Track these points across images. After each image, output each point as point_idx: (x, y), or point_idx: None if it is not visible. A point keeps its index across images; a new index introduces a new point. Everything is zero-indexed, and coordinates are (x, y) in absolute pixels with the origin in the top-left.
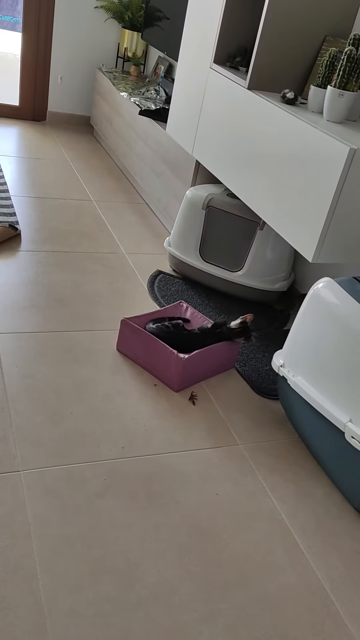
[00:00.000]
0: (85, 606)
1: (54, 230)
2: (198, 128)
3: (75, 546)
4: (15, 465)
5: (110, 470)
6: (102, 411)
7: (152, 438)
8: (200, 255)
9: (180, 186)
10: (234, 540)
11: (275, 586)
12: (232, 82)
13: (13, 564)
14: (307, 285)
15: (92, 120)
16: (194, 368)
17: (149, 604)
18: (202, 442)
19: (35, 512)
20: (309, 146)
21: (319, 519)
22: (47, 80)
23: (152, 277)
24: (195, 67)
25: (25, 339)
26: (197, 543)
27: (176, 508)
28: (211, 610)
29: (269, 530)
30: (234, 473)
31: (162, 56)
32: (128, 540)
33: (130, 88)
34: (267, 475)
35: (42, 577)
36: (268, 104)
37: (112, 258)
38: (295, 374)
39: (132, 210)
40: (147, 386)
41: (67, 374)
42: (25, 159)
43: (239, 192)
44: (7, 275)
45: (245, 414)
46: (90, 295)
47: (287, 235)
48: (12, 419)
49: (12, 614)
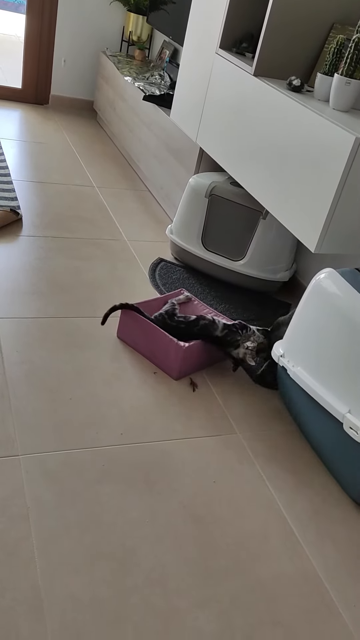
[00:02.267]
0: (82, 590)
1: (56, 215)
2: (202, 115)
3: (72, 531)
4: (14, 450)
5: (109, 457)
6: (102, 397)
7: (150, 425)
8: (202, 243)
9: (183, 173)
10: (230, 527)
11: (271, 573)
12: (238, 68)
13: (11, 547)
14: (309, 276)
15: (96, 105)
16: (194, 356)
17: (145, 589)
18: (201, 431)
19: (34, 496)
20: (314, 134)
21: (315, 508)
22: (51, 63)
23: (153, 265)
24: (201, 53)
25: (26, 324)
26: (194, 530)
27: (173, 495)
28: (206, 596)
29: (266, 518)
30: (231, 461)
31: (168, 41)
32: (125, 525)
33: (134, 72)
34: (264, 464)
35: (40, 561)
36: (274, 91)
37: (113, 244)
38: (295, 364)
39: (134, 196)
40: (146, 374)
41: (67, 359)
42: (28, 143)
43: (242, 181)
44: (8, 260)
45: (245, 403)
46: (91, 282)
47: (289, 225)
48: (12, 403)
49: (9, 596)
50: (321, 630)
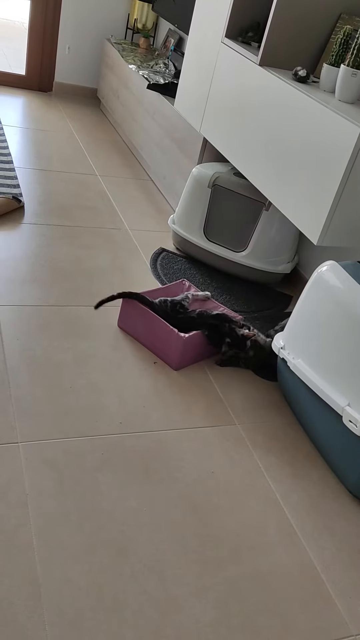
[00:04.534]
0: (79, 576)
1: (58, 203)
2: (207, 104)
3: (71, 518)
4: (14, 437)
5: (108, 445)
6: (101, 386)
7: (150, 415)
8: (204, 234)
9: (186, 163)
10: (228, 517)
11: (267, 564)
12: (243, 57)
13: (9, 533)
14: (311, 268)
15: (99, 93)
16: (194, 347)
17: (142, 576)
18: (200, 421)
19: (33, 483)
20: (319, 126)
21: (313, 500)
22: (55, 50)
23: (155, 255)
24: (206, 41)
25: (27, 312)
26: (192, 519)
27: (172, 484)
28: (203, 585)
29: (263, 509)
30: (230, 452)
31: (173, 29)
32: (124, 513)
33: (139, 61)
34: (263, 455)
35: (38, 548)
36: (279, 82)
37: (115, 234)
38: (296, 356)
39: (136, 186)
40: (146, 363)
41: (68, 348)
42: (31, 130)
43: (245, 171)
44: (10, 247)
45: (244, 395)
46: (92, 270)
47: (292, 217)
48: (12, 391)
49: (7, 581)
50: (317, 621)
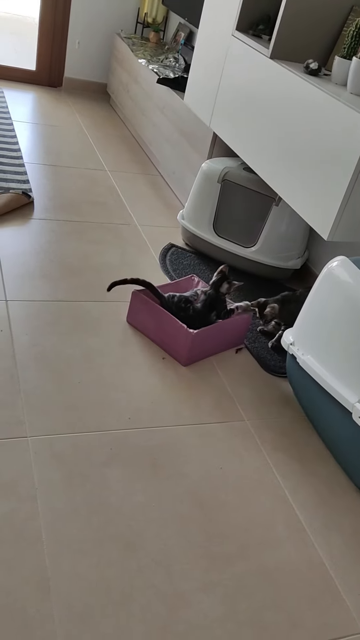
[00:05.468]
0: (87, 570)
1: (67, 199)
2: (217, 98)
3: (80, 512)
4: (23, 431)
5: (116, 440)
6: (110, 382)
7: (158, 410)
8: (214, 229)
9: (196, 158)
10: (236, 513)
11: (276, 560)
12: (254, 50)
13: (18, 527)
14: (321, 264)
15: (109, 88)
16: (203, 343)
17: (150, 571)
18: (209, 417)
19: (42, 477)
20: (330, 119)
21: (321, 496)
22: (65, 45)
23: (164, 250)
24: (217, 35)
25: (36, 307)
26: (200, 515)
27: (180, 480)
28: (211, 580)
29: (272, 505)
30: (239, 448)
31: (183, 23)
32: (132, 508)
33: (148, 55)
34: (271, 451)
35: (47, 541)
36: (290, 75)
37: (124, 229)
38: (305, 352)
39: (146, 181)
40: (155, 359)
41: (77, 343)
42: (40, 126)
43: (255, 166)
44: (19, 243)
45: (253, 391)
46: (101, 266)
47: (302, 212)
48: (21, 385)
49: (16, 574)
50: (325, 617)
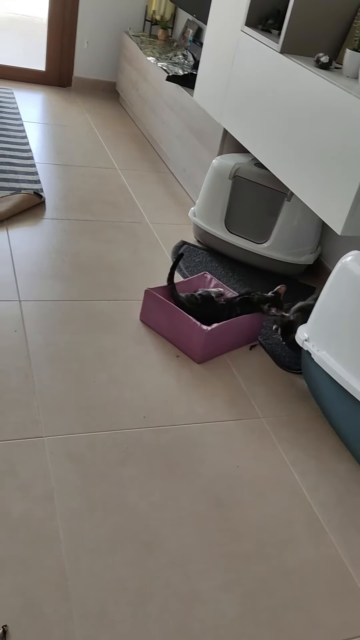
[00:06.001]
0: (104, 569)
1: (78, 198)
2: (226, 94)
3: (96, 512)
4: (39, 432)
5: (132, 439)
6: (124, 381)
7: (173, 409)
8: (226, 226)
9: (206, 155)
10: (253, 512)
11: (294, 559)
12: (263, 45)
13: (36, 527)
14: (335, 259)
15: (118, 87)
16: (217, 340)
17: (167, 571)
18: (224, 414)
19: (58, 477)
20: (342, 112)
21: (340, 494)
22: (74, 45)
23: (176, 248)
24: (226, 31)
25: (49, 307)
26: (217, 513)
27: (196, 478)
28: (229, 579)
29: (289, 503)
30: (255, 446)
31: (191, 19)
32: (148, 508)
33: (157, 53)
34: (288, 449)
35: (64, 541)
36: (301, 69)
37: (136, 227)
38: (320, 348)
39: (156, 179)
40: (169, 357)
41: (90, 342)
42: (50, 126)
43: (266, 162)
44: (31, 243)
45: (268, 388)
46: (113, 265)
47: (315, 207)
48: (36, 386)
49: (34, 574)
50: (345, 616)
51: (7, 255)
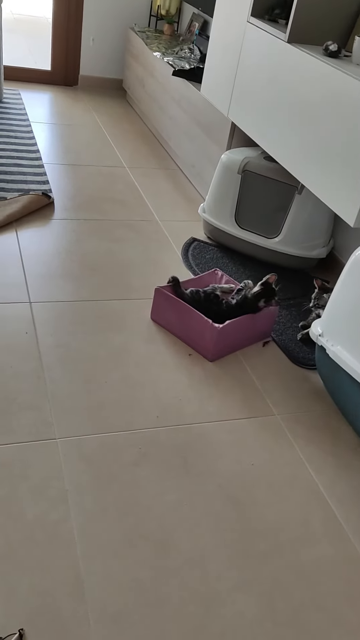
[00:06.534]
0: (121, 571)
1: (87, 197)
2: (234, 87)
3: (111, 513)
4: (52, 433)
5: (145, 439)
6: (137, 380)
7: (186, 408)
8: (236, 221)
9: (215, 150)
10: (270, 510)
11: (312, 557)
12: (271, 35)
13: (51, 528)
14: (348, 252)
15: (125, 84)
16: (229, 337)
17: (183, 571)
18: (237, 412)
19: (72, 479)
20: (353, 102)
21: (357, 490)
22: (79, 44)
23: (186, 245)
24: (232, 22)
25: (60, 307)
26: (233, 512)
27: (211, 477)
28: (246, 579)
29: (306, 501)
30: (270, 443)
31: (197, 12)
32: (163, 508)
33: (163, 47)
34: (304, 446)
35: (80, 543)
36: (309, 58)
37: (145, 225)
38: (335, 343)
39: (165, 176)
40: (181, 355)
41: (101, 342)
42: (58, 126)
43: (276, 155)
44: (41, 244)
45: (282, 384)
46: (123, 264)
47: (327, 199)
48: (48, 387)
49: (50, 576)
50: None
51: (17, 256)
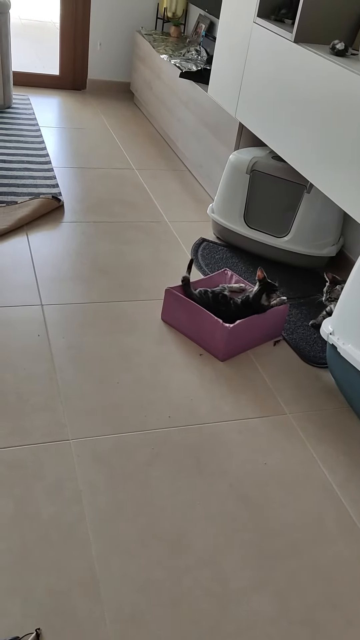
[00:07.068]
0: (136, 571)
1: (97, 200)
2: (241, 88)
3: (125, 513)
4: (65, 434)
5: (158, 440)
6: (148, 381)
7: (198, 407)
8: (245, 221)
9: (223, 150)
10: (283, 509)
11: (327, 556)
12: (277, 35)
13: (66, 529)
14: (358, 250)
15: (132, 86)
16: (240, 337)
17: (198, 571)
18: (249, 412)
19: (86, 479)
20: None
21: None
22: (87, 48)
23: (195, 245)
24: (238, 23)
25: (71, 309)
26: (246, 512)
27: (224, 477)
28: (261, 578)
29: (320, 500)
30: (282, 443)
31: (203, 14)
32: (177, 508)
33: (170, 50)
34: (316, 445)
35: (95, 543)
36: (316, 57)
37: (155, 227)
38: (346, 341)
39: (173, 177)
40: (192, 356)
41: (113, 344)
42: (67, 129)
43: (284, 154)
44: (51, 246)
45: (293, 383)
46: (133, 265)
47: (336, 197)
48: (61, 388)
49: (65, 577)
50: None
51: (28, 259)
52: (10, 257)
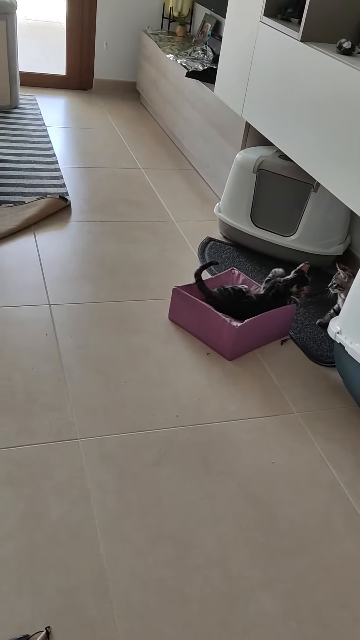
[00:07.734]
0: (144, 570)
1: (103, 199)
2: (248, 87)
3: (133, 512)
4: (73, 433)
5: (166, 439)
6: (156, 380)
7: (206, 407)
8: (252, 220)
9: (229, 150)
10: (291, 508)
11: (335, 555)
12: (284, 35)
13: (74, 528)
14: None
15: (139, 86)
16: (247, 336)
17: (206, 570)
18: (257, 411)
19: (94, 478)
20: None
21: None
22: (93, 48)
23: (202, 245)
24: (244, 22)
25: (78, 309)
26: (254, 511)
27: (232, 476)
28: (269, 577)
29: (328, 499)
30: (290, 442)
31: (209, 13)
32: (184, 507)
33: (176, 49)
34: (324, 443)
35: (103, 542)
36: (323, 56)
37: (161, 226)
38: (353, 340)
39: (180, 176)
40: (199, 355)
41: (120, 343)
42: (73, 129)
43: (291, 153)
44: (58, 246)
45: (301, 382)
46: (140, 265)
47: (342, 196)
48: (69, 388)
49: (74, 576)
50: None
51: (36, 259)
52: (18, 257)
